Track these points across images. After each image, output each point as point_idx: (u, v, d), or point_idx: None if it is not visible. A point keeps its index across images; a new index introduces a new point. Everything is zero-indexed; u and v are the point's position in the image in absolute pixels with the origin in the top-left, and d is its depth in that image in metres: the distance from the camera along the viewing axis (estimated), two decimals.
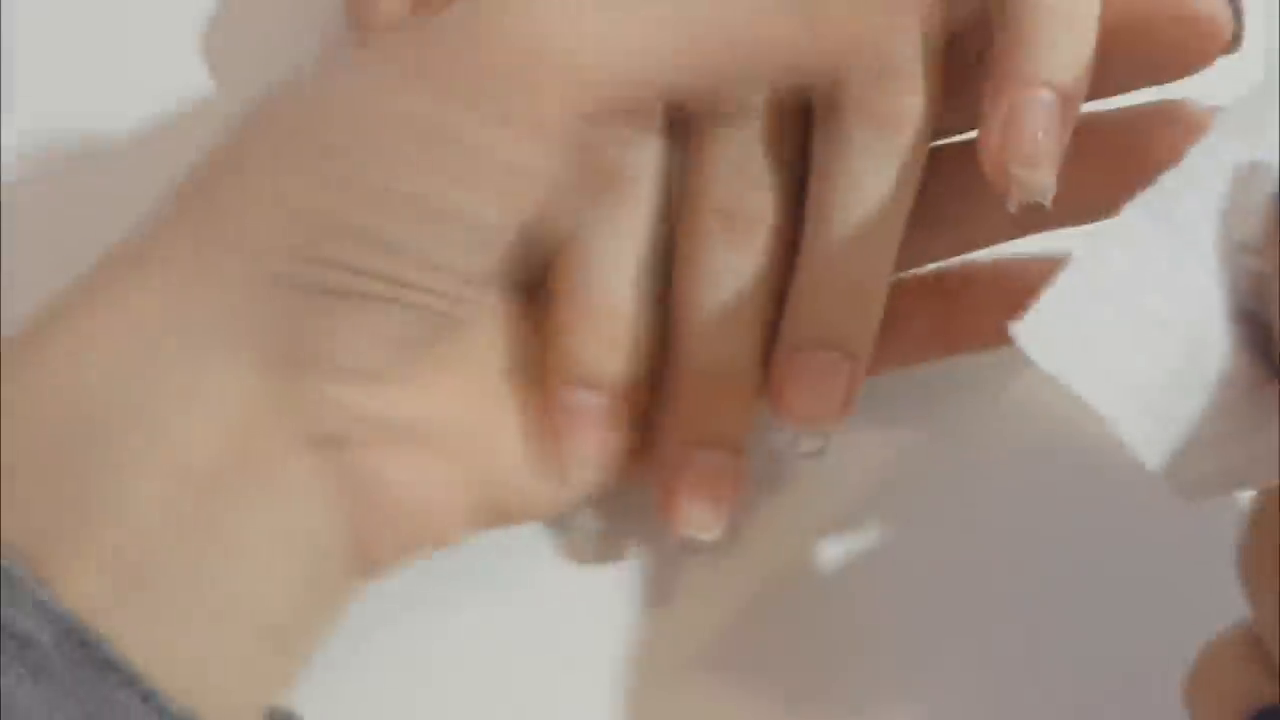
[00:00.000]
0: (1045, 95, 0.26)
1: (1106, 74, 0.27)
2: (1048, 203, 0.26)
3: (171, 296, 0.25)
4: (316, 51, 0.32)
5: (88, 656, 0.23)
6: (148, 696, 0.23)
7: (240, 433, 0.25)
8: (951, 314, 0.30)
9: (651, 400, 0.29)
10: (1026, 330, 0.23)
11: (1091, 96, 0.27)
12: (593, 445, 0.28)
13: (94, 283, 0.25)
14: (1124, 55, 0.27)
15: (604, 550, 0.31)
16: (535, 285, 0.29)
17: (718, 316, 0.28)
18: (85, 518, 0.24)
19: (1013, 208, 0.26)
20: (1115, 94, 0.28)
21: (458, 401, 0.27)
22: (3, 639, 0.23)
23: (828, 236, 0.27)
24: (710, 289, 0.28)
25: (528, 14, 0.24)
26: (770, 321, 0.28)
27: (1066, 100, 0.26)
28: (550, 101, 0.24)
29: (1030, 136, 0.26)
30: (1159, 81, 0.28)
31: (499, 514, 0.28)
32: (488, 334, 0.28)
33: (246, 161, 0.25)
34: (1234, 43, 0.27)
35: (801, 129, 0.28)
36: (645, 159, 0.28)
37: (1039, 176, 0.26)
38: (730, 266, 0.28)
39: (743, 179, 0.28)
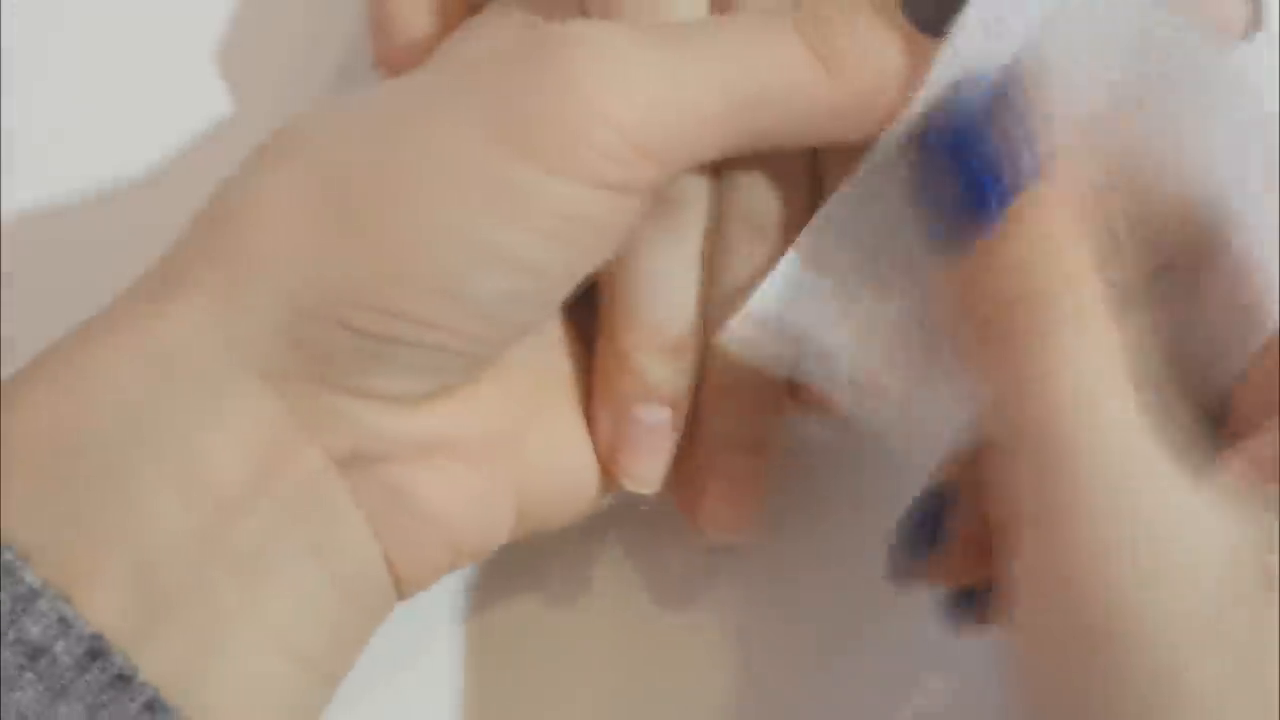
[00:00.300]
0: None
1: None
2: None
3: (193, 325, 0.24)
4: (333, 71, 0.33)
5: (109, 675, 0.23)
6: (169, 718, 0.23)
7: (266, 454, 0.24)
8: None
9: None
10: (737, 332, 0.26)
11: None
12: (663, 458, 0.28)
13: (115, 312, 0.25)
14: None
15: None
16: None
17: None
18: (106, 537, 0.24)
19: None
20: None
21: (491, 411, 0.27)
22: (23, 654, 0.22)
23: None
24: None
25: (579, 75, 0.24)
26: None
27: None
28: (608, 161, 0.24)
29: None
30: None
31: (531, 521, 0.28)
32: (522, 343, 0.28)
33: (272, 196, 0.25)
34: (1251, 29, 0.27)
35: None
36: (693, 177, 0.28)
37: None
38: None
39: (771, 192, 0.28)
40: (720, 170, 0.28)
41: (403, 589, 0.26)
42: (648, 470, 0.28)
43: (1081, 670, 0.23)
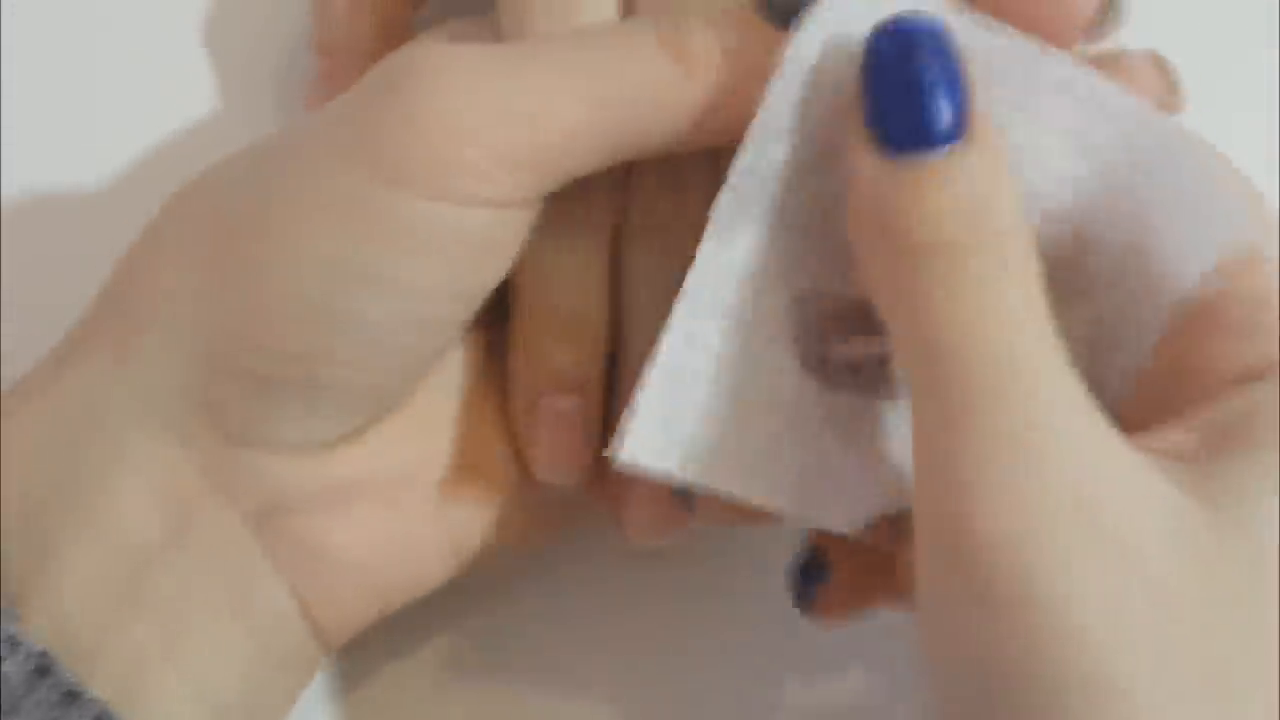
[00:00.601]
0: None
1: None
2: None
3: (96, 383, 0.25)
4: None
5: (58, 693, 0.23)
6: None
7: (177, 509, 0.25)
8: None
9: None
10: (631, 449, 0.24)
11: None
12: (575, 448, 0.28)
13: (30, 379, 0.26)
14: None
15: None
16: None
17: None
18: (26, 587, 0.24)
19: None
20: None
21: (406, 448, 0.27)
22: None
23: None
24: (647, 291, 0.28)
25: (437, 98, 0.24)
26: None
27: None
28: (469, 177, 0.24)
29: None
30: None
31: (473, 553, 0.28)
32: (442, 373, 0.28)
33: (161, 254, 0.25)
34: (1104, 21, 0.26)
35: None
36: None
37: None
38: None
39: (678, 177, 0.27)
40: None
41: (328, 639, 0.27)
42: (556, 459, 0.28)
43: (990, 649, 0.21)
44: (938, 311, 0.22)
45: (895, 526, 0.26)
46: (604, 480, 0.28)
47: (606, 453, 0.24)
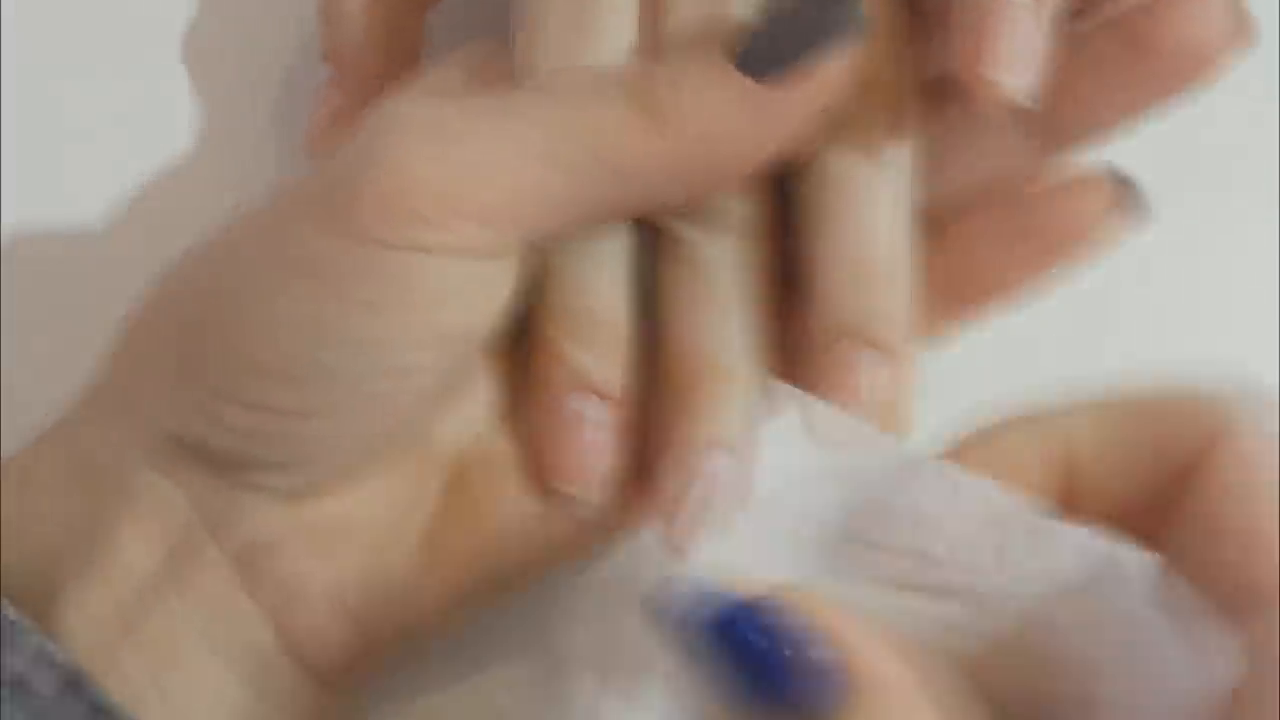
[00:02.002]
0: None
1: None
2: (1035, 105, 0.24)
3: (99, 429, 0.26)
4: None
5: (85, 705, 0.23)
6: None
7: (168, 547, 0.25)
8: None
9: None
10: None
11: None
12: (596, 456, 0.27)
13: (48, 429, 0.26)
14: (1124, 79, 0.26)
15: None
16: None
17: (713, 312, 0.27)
18: (40, 619, 0.24)
19: (993, 113, 0.24)
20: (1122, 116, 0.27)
21: (402, 488, 0.27)
22: (4, 686, 0.23)
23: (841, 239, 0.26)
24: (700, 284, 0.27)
25: (390, 148, 0.24)
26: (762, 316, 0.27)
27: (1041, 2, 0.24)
28: (428, 229, 0.24)
29: (1006, 38, 0.24)
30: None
31: (472, 594, 0.27)
32: (456, 417, 0.27)
33: (158, 314, 0.26)
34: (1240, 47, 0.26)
35: None
36: None
37: (1019, 80, 0.24)
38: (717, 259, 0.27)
39: None
40: None
41: (327, 677, 0.26)
42: (579, 467, 0.26)
43: None
44: None
45: None
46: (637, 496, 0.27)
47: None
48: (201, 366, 0.25)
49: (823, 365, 0.26)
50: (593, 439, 0.27)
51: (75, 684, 0.23)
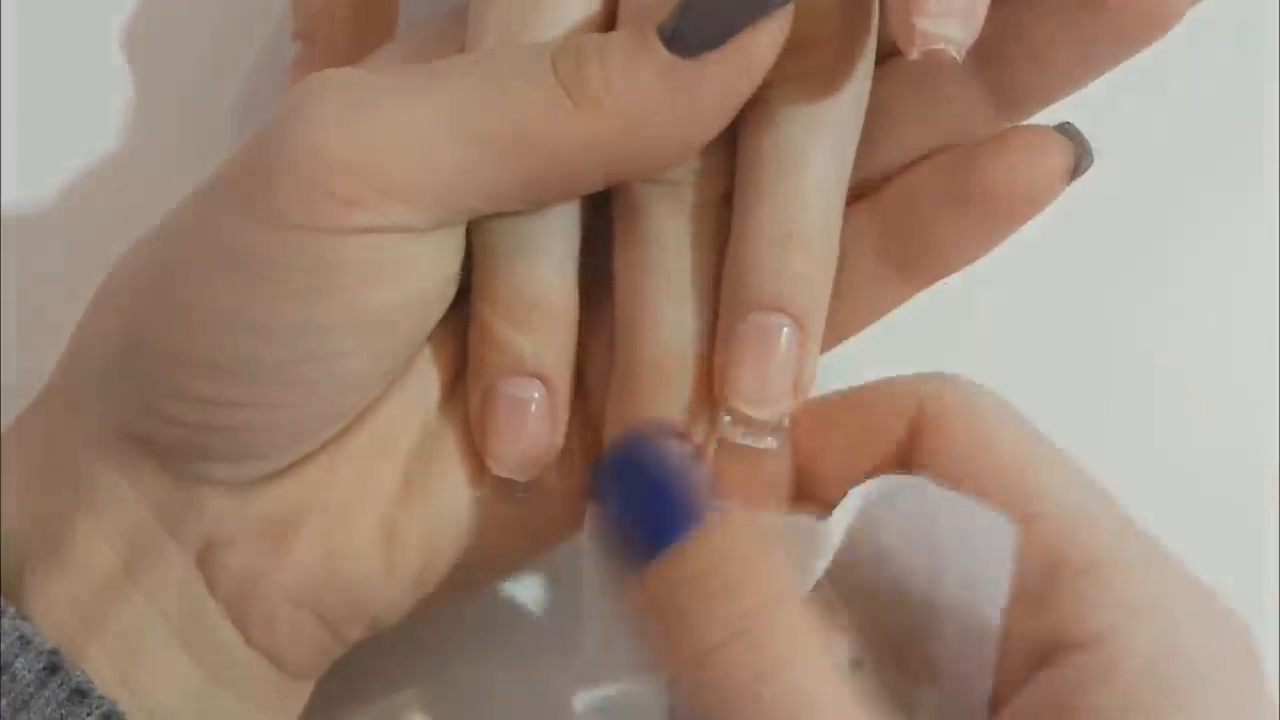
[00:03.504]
0: None
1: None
2: (959, 56, 0.23)
3: (58, 426, 0.26)
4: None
5: (67, 690, 0.24)
6: None
7: (127, 544, 0.26)
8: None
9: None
10: None
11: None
12: (533, 439, 0.26)
13: (10, 430, 0.27)
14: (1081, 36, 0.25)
15: None
16: None
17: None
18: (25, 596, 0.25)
19: (916, 57, 0.23)
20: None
21: (351, 475, 0.27)
22: None
23: (765, 192, 0.25)
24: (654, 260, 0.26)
25: (310, 132, 0.23)
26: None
27: None
28: (345, 206, 0.23)
29: None
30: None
31: (436, 581, 0.27)
32: (403, 398, 0.27)
33: (102, 312, 0.26)
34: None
35: None
36: None
37: (952, 32, 0.23)
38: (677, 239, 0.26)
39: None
40: None
41: (293, 668, 0.27)
42: (511, 449, 0.26)
43: None
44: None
45: None
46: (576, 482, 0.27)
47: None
48: (140, 362, 0.25)
49: (738, 333, 0.25)
50: (528, 423, 0.26)
51: (55, 668, 0.24)
